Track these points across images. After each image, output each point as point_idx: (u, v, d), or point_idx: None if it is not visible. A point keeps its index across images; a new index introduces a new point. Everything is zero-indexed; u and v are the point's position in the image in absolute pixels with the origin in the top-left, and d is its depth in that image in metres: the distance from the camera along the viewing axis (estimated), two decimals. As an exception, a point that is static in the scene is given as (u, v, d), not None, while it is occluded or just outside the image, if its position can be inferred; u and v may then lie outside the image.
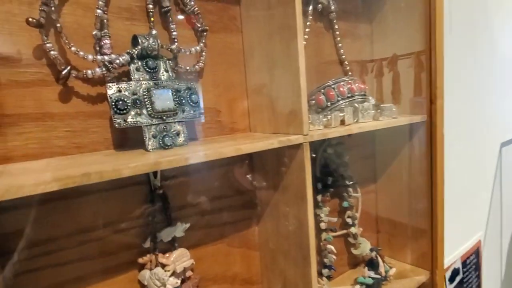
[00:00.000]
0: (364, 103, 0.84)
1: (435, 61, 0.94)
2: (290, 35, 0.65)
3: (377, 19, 1.07)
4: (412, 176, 1.06)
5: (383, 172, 1.15)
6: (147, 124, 0.58)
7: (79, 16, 0.57)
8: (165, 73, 0.63)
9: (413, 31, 0.97)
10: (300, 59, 0.64)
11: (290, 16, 0.64)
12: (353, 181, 1.00)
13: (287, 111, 0.69)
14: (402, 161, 1.08)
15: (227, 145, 0.59)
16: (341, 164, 0.99)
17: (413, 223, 1.08)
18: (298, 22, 0.63)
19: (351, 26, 1.03)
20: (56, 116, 0.56)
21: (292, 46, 0.65)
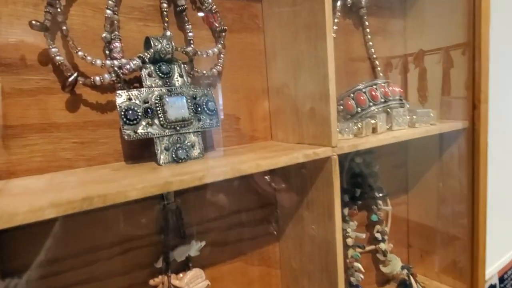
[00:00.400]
0: (398, 109, 0.76)
1: (479, 60, 0.84)
2: (318, 34, 0.58)
3: (412, 14, 0.98)
4: (450, 187, 0.96)
5: (416, 182, 1.05)
6: (159, 135, 0.52)
7: (88, 18, 0.53)
8: (180, 78, 0.57)
9: (454, 26, 0.87)
10: (329, 61, 0.57)
11: (318, 12, 0.57)
12: (384, 193, 0.92)
13: (313, 119, 0.62)
14: (438, 171, 0.99)
15: (246, 159, 0.53)
16: (370, 175, 0.90)
17: (449, 238, 0.99)
18: (327, 19, 0.56)
19: (383, 22, 0.95)
20: (62, 127, 0.52)
21: (320, 46, 0.58)
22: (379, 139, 0.67)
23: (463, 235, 0.93)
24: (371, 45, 0.89)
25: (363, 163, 0.89)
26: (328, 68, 0.57)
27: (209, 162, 0.53)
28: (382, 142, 0.68)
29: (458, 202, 0.95)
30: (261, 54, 0.71)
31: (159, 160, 0.52)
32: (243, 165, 0.49)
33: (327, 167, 0.60)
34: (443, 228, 1.00)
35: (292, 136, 0.68)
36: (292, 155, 0.54)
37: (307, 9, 0.59)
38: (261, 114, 0.73)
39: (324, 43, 0.57)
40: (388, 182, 0.98)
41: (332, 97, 0.58)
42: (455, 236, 0.97)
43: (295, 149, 0.60)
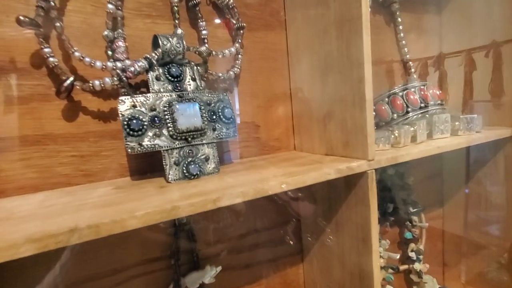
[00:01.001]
0: (441, 114, 0.66)
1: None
2: (351, 30, 0.50)
3: (449, 8, 0.88)
4: (492, 200, 0.86)
5: (453, 194, 0.95)
6: (168, 148, 0.45)
7: (89, 14, 0.46)
8: (192, 82, 0.50)
9: (500, 21, 0.77)
10: (365, 61, 0.49)
11: (353, 5, 0.49)
12: (419, 208, 0.82)
13: (345, 128, 0.53)
14: (479, 182, 0.89)
15: (268, 175, 0.45)
16: (404, 187, 0.81)
17: (493, 257, 0.88)
18: (363, 13, 0.48)
19: (417, 18, 0.85)
20: (59, 138, 0.46)
21: (354, 44, 0.50)
22: (421, 150, 0.58)
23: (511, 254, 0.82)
24: (404, 44, 0.80)
25: (395, 175, 0.80)
26: (364, 70, 0.49)
27: (226, 179, 0.45)
28: (425, 153, 0.58)
29: (503, 218, 0.84)
30: (283, 55, 0.64)
31: (168, 176, 0.45)
32: (265, 183, 0.41)
33: (362, 183, 0.52)
34: (485, 245, 0.89)
35: (318, 146, 0.60)
36: (322, 171, 0.46)
37: (338, 1, 0.51)
38: (283, 122, 0.65)
39: (360, 40, 0.49)
40: (421, 194, 0.88)
41: (368, 103, 0.50)
42: (499, 255, 0.86)
43: (324, 163, 0.52)
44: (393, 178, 0.79)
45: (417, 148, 0.58)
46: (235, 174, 0.48)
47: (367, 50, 0.49)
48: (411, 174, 0.82)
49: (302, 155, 0.61)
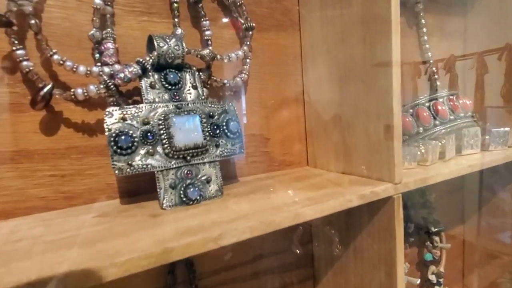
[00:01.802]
0: (471, 128, 0.59)
1: None
2: (378, 33, 0.43)
3: (475, 10, 0.81)
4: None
5: (475, 211, 0.88)
6: (163, 168, 0.39)
7: (72, 10, 0.40)
8: (193, 90, 0.43)
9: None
10: (394, 69, 0.42)
11: (380, 4, 0.42)
12: (441, 227, 0.75)
13: (367, 144, 0.46)
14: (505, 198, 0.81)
15: (280, 202, 0.38)
16: (425, 205, 0.74)
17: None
18: (393, 13, 0.41)
19: (440, 20, 0.78)
20: (36, 155, 0.39)
21: (381, 49, 0.43)
22: (452, 170, 0.51)
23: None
24: (428, 48, 0.73)
25: (416, 191, 0.73)
26: (393, 78, 0.42)
27: (230, 205, 0.38)
28: (456, 173, 0.51)
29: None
30: (296, 58, 0.57)
31: (162, 202, 0.38)
32: (276, 214, 0.34)
33: (386, 209, 0.45)
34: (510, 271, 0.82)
35: (335, 163, 0.53)
36: (342, 198, 0.39)
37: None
38: (295, 134, 0.58)
39: (388, 44, 0.42)
40: (441, 211, 0.81)
41: (397, 117, 0.43)
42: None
43: (343, 185, 0.45)
44: (413, 194, 0.72)
45: (447, 168, 0.51)
46: (240, 199, 0.41)
47: (396, 55, 0.42)
48: (432, 190, 0.75)
49: (317, 173, 0.54)
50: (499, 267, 0.87)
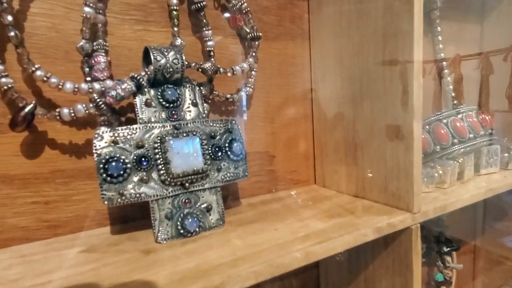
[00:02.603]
0: (490, 146, 0.55)
1: None
2: (399, 47, 0.39)
3: (492, 17, 0.77)
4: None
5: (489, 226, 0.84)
6: (158, 197, 0.34)
7: (60, 18, 0.36)
8: (193, 108, 0.39)
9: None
10: (415, 87, 0.38)
11: (402, 16, 0.38)
12: (453, 247, 0.71)
13: (383, 167, 0.42)
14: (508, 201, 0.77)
15: (287, 234, 0.34)
16: (437, 223, 0.70)
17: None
18: (416, 28, 0.37)
19: (457, 27, 0.74)
20: (16, 180, 0.35)
21: (401, 65, 0.39)
22: (472, 194, 0.47)
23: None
24: (443, 56, 0.68)
25: (427, 209, 0.69)
26: (414, 97, 0.38)
27: (232, 240, 0.34)
28: (476, 198, 0.47)
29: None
30: (305, 70, 0.53)
31: (157, 235, 0.34)
32: (285, 255, 0.30)
33: (403, 239, 0.41)
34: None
35: (346, 184, 0.49)
36: (357, 232, 0.35)
37: (382, 10, 0.40)
38: (303, 150, 0.54)
39: (410, 59, 0.38)
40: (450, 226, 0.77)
41: (417, 141, 0.38)
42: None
43: (356, 213, 0.41)
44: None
45: (467, 192, 0.47)
46: (244, 230, 0.37)
47: (417, 72, 0.38)
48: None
49: (326, 195, 0.49)
50: (502, 273, 0.83)
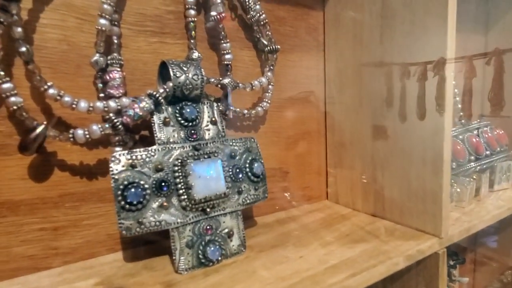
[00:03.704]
0: (503, 162, 0.55)
1: None
2: (428, 60, 0.37)
3: (497, 28, 0.77)
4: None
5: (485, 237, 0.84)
6: (178, 224, 0.32)
7: (72, 30, 0.33)
8: (212, 126, 0.37)
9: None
10: (446, 102, 0.37)
11: (431, 24, 0.37)
12: (459, 260, 0.71)
13: (406, 189, 0.41)
14: None
15: (315, 266, 0.33)
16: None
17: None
18: (449, 38, 0.36)
19: (461, 38, 0.73)
20: (23, 206, 0.32)
21: (431, 84, 0.38)
22: (494, 215, 0.46)
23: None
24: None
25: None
26: (445, 120, 0.37)
27: (257, 269, 0.32)
28: (497, 217, 0.47)
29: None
30: (320, 83, 0.51)
31: (178, 266, 0.32)
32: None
33: (428, 264, 0.40)
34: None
35: (362, 202, 0.48)
36: (390, 262, 0.34)
37: (408, 19, 0.39)
38: (315, 165, 0.52)
39: (441, 81, 0.36)
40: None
41: (446, 164, 0.37)
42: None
43: (380, 236, 0.39)
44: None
45: (488, 213, 0.47)
46: (267, 259, 0.35)
47: (449, 86, 0.37)
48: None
49: (342, 212, 0.48)
50: (488, 274, 0.84)
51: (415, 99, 0.39)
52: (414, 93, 0.39)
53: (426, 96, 0.38)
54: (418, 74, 0.41)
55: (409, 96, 0.40)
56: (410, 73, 0.39)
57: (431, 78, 0.37)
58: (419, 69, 0.39)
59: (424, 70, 0.41)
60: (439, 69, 0.38)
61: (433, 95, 0.37)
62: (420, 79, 0.41)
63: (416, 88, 0.39)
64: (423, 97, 0.40)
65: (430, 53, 0.37)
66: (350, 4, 0.46)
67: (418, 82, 0.40)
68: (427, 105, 0.38)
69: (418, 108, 0.41)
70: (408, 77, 0.40)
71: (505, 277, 0.80)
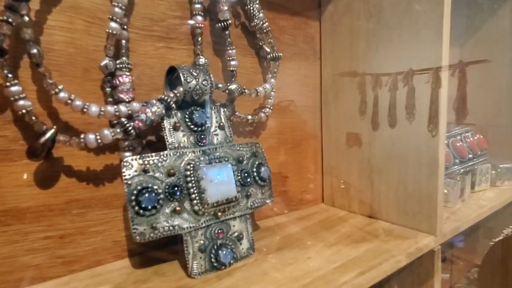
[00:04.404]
0: (483, 165, 0.59)
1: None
2: (424, 73, 0.40)
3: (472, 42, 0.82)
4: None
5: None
6: (191, 229, 0.32)
7: (79, 33, 0.32)
8: (220, 131, 0.37)
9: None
10: (441, 115, 0.39)
11: (430, 43, 0.39)
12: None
13: (403, 191, 0.43)
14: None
15: (324, 267, 0.34)
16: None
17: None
18: (444, 53, 0.38)
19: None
20: (28, 214, 0.31)
21: (425, 96, 0.40)
22: (478, 213, 0.49)
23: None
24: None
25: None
26: (439, 124, 0.39)
27: (269, 271, 0.33)
28: (480, 216, 0.50)
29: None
30: (316, 90, 0.53)
31: (191, 270, 0.32)
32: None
33: (423, 261, 0.42)
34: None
35: (359, 205, 0.49)
36: (393, 259, 0.35)
37: (404, 30, 0.41)
38: (312, 170, 0.53)
39: (437, 84, 0.39)
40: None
41: (441, 168, 0.40)
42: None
43: (380, 236, 0.41)
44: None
45: (473, 212, 0.50)
46: (277, 260, 0.35)
47: (443, 100, 0.39)
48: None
49: (340, 215, 0.50)
50: (455, 272, 0.88)
51: (387, 109, 0.42)
52: (411, 103, 0.41)
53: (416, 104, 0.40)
54: (390, 84, 0.43)
55: (382, 106, 0.42)
56: (405, 84, 0.42)
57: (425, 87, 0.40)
58: (390, 79, 0.42)
59: (395, 80, 0.43)
60: (408, 80, 0.42)
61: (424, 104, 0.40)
62: (391, 88, 0.43)
63: (411, 98, 0.41)
64: (394, 106, 0.43)
65: (424, 63, 0.40)
66: (345, 15, 0.48)
67: (389, 92, 0.43)
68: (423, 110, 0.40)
69: (389, 116, 0.43)
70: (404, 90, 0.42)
71: (471, 274, 0.84)
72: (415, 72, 0.41)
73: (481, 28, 0.79)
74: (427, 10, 0.39)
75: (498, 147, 0.66)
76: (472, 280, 0.84)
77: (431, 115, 0.54)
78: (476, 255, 0.83)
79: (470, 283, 0.84)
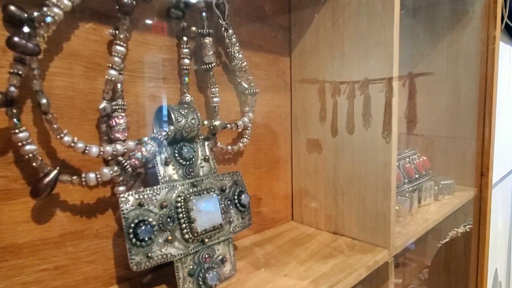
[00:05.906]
0: (428, 182, 0.68)
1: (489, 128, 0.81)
2: (380, 104, 0.47)
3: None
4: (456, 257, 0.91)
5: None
6: (182, 256, 0.36)
7: (77, 77, 0.35)
8: (205, 163, 0.41)
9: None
10: (393, 143, 0.46)
11: (377, 65, 0.46)
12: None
13: (362, 210, 0.50)
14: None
15: (296, 278, 0.39)
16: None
17: None
18: (394, 69, 0.46)
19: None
20: (25, 249, 0.32)
21: (377, 125, 0.47)
22: (424, 226, 0.57)
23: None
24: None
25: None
26: (392, 154, 0.46)
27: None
28: (426, 228, 0.58)
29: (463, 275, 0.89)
30: (287, 117, 0.58)
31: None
32: (307, 302, 0.35)
33: (381, 272, 0.49)
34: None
35: (325, 222, 0.55)
36: (356, 273, 0.41)
37: (364, 43, 0.48)
38: (283, 191, 0.59)
39: (390, 93, 0.46)
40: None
41: (393, 191, 0.47)
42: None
43: (344, 252, 0.47)
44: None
45: (419, 225, 0.58)
46: (257, 279, 0.40)
47: (394, 133, 0.46)
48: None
49: (308, 232, 0.55)
50: (408, 273, 0.98)
51: (368, 133, 0.48)
52: (370, 132, 0.48)
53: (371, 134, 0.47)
54: (347, 93, 0.50)
55: (367, 138, 0.49)
56: (364, 111, 0.48)
57: (377, 122, 0.47)
58: (347, 88, 0.48)
59: (352, 89, 0.50)
60: (364, 88, 0.48)
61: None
62: (348, 97, 0.50)
63: (372, 130, 0.48)
64: (352, 114, 0.49)
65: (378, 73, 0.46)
66: (312, 53, 0.54)
67: (347, 100, 0.49)
68: (379, 141, 0.47)
69: (347, 123, 0.50)
70: (364, 121, 0.49)
71: (422, 275, 0.94)
72: (370, 81, 0.47)
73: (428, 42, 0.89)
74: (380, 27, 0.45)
75: (439, 166, 0.76)
76: (423, 281, 0.94)
77: (385, 122, 0.61)
78: (426, 257, 0.93)
79: (422, 284, 0.93)
